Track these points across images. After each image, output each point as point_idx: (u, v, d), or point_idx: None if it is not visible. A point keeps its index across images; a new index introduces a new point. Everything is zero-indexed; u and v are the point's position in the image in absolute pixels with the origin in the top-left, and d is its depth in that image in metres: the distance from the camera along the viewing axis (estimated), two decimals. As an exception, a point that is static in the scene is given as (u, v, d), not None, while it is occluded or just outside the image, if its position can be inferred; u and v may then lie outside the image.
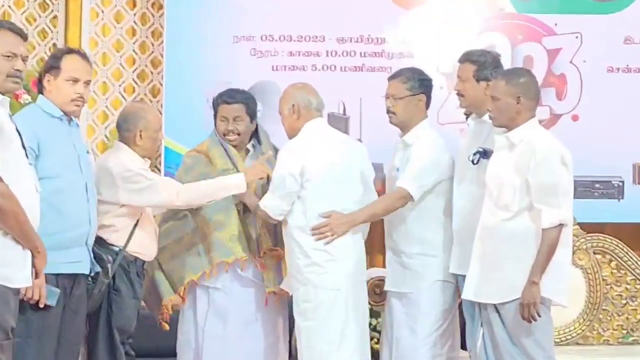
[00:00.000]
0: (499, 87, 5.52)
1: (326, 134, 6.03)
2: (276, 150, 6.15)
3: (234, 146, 6.16)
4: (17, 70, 4.68)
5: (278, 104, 6.03)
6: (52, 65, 5.40)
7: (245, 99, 6.22)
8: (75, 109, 5.45)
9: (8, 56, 4.66)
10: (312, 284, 5.76)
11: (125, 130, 5.88)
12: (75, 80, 5.35)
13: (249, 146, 6.27)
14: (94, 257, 5.44)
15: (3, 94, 4.67)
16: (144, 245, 5.84)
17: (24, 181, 4.65)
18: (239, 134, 6.15)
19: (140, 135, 5.83)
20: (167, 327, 6.18)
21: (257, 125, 6.30)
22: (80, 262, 5.33)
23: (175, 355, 6.29)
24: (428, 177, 5.91)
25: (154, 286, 6.13)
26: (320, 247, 5.78)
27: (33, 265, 4.67)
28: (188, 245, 6.09)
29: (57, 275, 5.19)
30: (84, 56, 5.54)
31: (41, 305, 5.02)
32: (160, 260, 6.10)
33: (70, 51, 5.58)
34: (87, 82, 5.48)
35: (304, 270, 5.78)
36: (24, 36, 4.79)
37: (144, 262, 5.89)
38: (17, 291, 4.61)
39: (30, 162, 4.93)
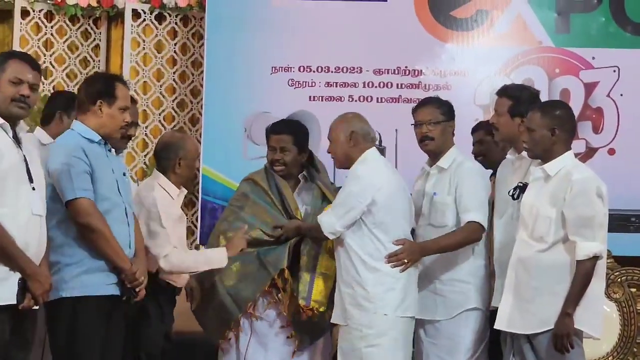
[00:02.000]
0: (535, 118, 5.48)
1: (385, 164, 6.04)
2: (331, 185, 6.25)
3: (282, 176, 6.14)
4: (22, 95, 4.77)
5: (330, 130, 5.95)
6: (104, 93, 5.32)
7: (293, 130, 6.20)
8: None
9: (14, 82, 4.78)
10: (375, 311, 5.70)
11: (164, 158, 5.88)
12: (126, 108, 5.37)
13: (300, 177, 6.23)
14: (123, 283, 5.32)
15: (9, 118, 4.79)
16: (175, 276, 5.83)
17: (15, 203, 4.71)
18: (285, 165, 6.12)
19: (179, 164, 5.84)
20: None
21: (313, 157, 6.27)
22: (117, 284, 5.24)
23: None
24: (483, 200, 5.91)
25: (219, 310, 6.07)
26: (384, 275, 5.75)
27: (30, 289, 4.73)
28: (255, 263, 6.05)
29: (97, 297, 5.15)
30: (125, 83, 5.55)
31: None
32: (225, 284, 6.06)
33: (118, 78, 5.56)
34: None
35: (370, 296, 5.72)
36: (33, 65, 4.88)
37: (175, 288, 5.88)
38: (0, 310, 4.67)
39: (86, 185, 5.07)
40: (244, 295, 6.01)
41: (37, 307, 4.93)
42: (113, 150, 5.45)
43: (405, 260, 5.73)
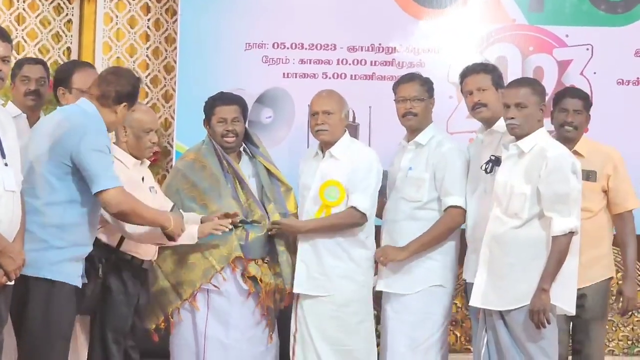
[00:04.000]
0: (526, 94, 5.45)
1: None
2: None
3: (229, 148, 6.08)
4: None
5: (319, 101, 6.03)
6: (132, 95, 5.36)
7: (240, 101, 6.20)
8: None
9: None
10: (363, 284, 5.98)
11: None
12: None
13: (241, 150, 6.20)
14: (87, 259, 5.36)
15: None
16: (138, 245, 5.72)
17: None
18: (237, 135, 6.08)
19: (125, 132, 5.75)
20: (157, 338, 6.12)
21: (249, 132, 6.26)
22: (77, 277, 5.27)
23: (166, 356, 6.20)
24: (464, 183, 5.93)
25: (156, 296, 6.03)
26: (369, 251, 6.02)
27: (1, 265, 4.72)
28: (191, 250, 5.93)
29: (71, 285, 5.19)
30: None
31: None
32: (163, 270, 6.03)
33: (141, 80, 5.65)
34: None
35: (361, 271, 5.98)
36: (3, 37, 4.83)
37: (142, 261, 5.78)
38: None
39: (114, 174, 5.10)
40: (184, 283, 5.99)
41: (10, 283, 4.88)
42: None
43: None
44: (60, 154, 5.05)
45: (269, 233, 5.88)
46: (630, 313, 5.95)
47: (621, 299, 5.79)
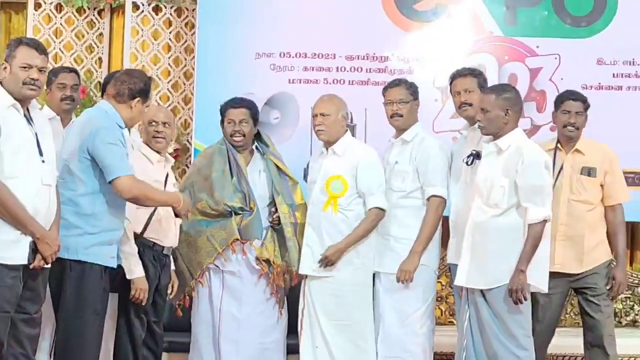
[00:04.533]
0: (490, 100, 5.49)
1: None
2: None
3: (239, 146, 6.10)
4: (32, 79, 4.77)
5: (319, 105, 6.05)
6: (144, 92, 5.39)
7: (249, 104, 6.21)
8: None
9: (24, 67, 4.78)
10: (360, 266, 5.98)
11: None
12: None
13: (254, 147, 6.23)
14: None
15: (22, 99, 4.79)
16: (160, 232, 5.75)
17: (26, 174, 4.73)
18: (243, 135, 6.10)
19: (139, 126, 5.85)
20: (180, 313, 6.17)
21: (260, 133, 6.27)
22: (114, 258, 5.32)
23: (187, 329, 6.21)
24: (446, 175, 5.94)
25: (178, 277, 6.06)
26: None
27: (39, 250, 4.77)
28: (198, 235, 6.03)
29: (103, 266, 5.21)
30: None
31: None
32: (181, 253, 6.05)
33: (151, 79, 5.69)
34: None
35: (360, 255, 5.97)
36: (40, 50, 4.88)
37: (163, 247, 5.79)
38: (13, 269, 4.70)
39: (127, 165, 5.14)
40: (193, 263, 6.04)
41: (47, 266, 4.93)
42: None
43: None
44: (82, 150, 5.12)
45: (325, 263, 5.89)
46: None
47: (613, 283, 5.80)
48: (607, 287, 5.74)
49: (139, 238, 5.61)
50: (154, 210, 5.65)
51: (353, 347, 5.93)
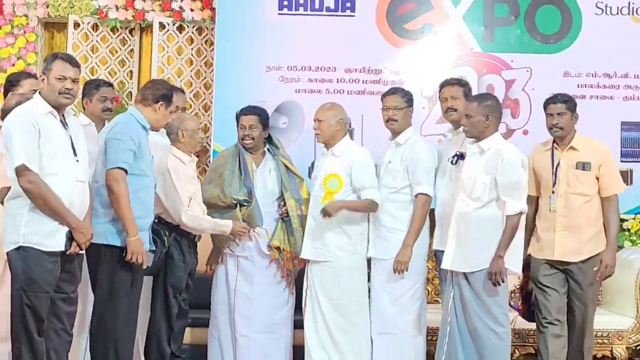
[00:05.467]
0: (473, 107, 5.48)
1: None
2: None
3: (250, 148, 6.10)
4: (67, 88, 4.78)
5: (317, 112, 6.02)
6: (166, 96, 5.36)
7: (258, 112, 6.17)
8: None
9: (59, 78, 4.78)
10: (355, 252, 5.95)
11: (171, 134, 5.82)
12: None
13: (265, 149, 6.18)
14: (155, 232, 5.39)
15: (58, 107, 4.80)
16: None
17: (63, 173, 4.74)
18: (253, 139, 6.08)
19: (183, 135, 5.77)
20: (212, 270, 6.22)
21: (271, 137, 6.24)
22: (145, 242, 5.23)
23: (207, 307, 6.19)
24: (432, 175, 5.87)
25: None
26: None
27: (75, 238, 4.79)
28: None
29: None
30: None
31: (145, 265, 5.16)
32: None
33: (176, 88, 5.83)
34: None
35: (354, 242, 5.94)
36: (73, 63, 4.88)
37: (195, 235, 5.83)
38: (52, 254, 4.72)
39: (128, 160, 5.05)
40: (214, 250, 6.16)
41: (82, 252, 4.94)
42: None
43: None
44: (104, 147, 5.15)
45: (323, 214, 5.79)
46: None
47: (600, 266, 5.60)
48: (595, 269, 5.56)
49: (176, 228, 5.67)
50: (189, 203, 5.70)
51: (347, 322, 5.88)
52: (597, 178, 5.64)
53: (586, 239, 5.58)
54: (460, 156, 5.67)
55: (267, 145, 6.17)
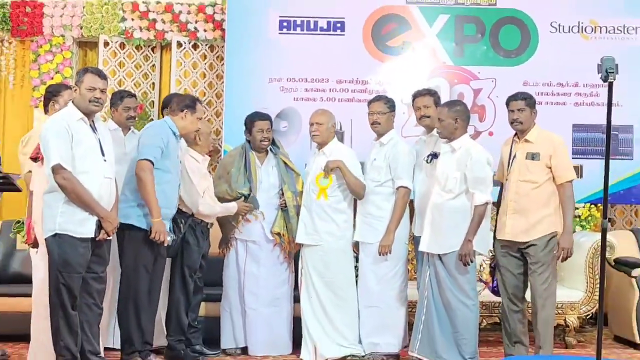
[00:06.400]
0: (443, 112, 5.47)
1: None
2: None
3: (263, 149, 6.11)
4: (96, 98, 4.81)
5: (315, 116, 6.01)
6: (190, 106, 5.46)
7: (269, 117, 6.21)
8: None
9: (89, 89, 4.80)
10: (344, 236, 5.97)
11: (188, 137, 5.77)
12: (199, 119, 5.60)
13: (268, 149, 6.17)
14: (172, 221, 5.46)
15: (88, 114, 4.83)
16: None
17: (92, 171, 4.75)
18: (269, 140, 6.11)
19: (198, 138, 5.78)
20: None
21: (273, 138, 6.26)
22: (170, 232, 5.36)
23: (221, 284, 6.19)
24: (412, 170, 5.85)
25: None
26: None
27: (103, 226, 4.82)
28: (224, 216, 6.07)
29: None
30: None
31: (166, 243, 5.23)
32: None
33: (199, 100, 5.75)
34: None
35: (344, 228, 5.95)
36: (102, 76, 4.90)
37: (207, 223, 5.84)
38: (84, 240, 4.73)
39: (156, 155, 5.16)
40: (224, 236, 6.13)
41: (110, 238, 4.96)
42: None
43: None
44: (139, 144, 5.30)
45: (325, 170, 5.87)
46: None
47: (559, 249, 5.40)
48: (555, 252, 5.39)
49: (190, 217, 5.66)
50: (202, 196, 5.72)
51: (337, 297, 5.88)
52: (549, 167, 5.42)
53: (534, 221, 5.39)
54: (434, 155, 5.67)
55: (270, 146, 6.16)
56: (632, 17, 7.30)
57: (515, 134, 5.59)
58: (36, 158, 4.98)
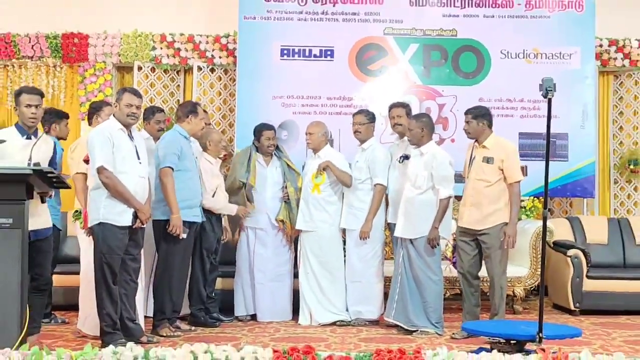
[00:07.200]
0: (412, 123, 5.48)
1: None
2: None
3: (269, 153, 6.09)
4: (133, 113, 4.80)
5: (308, 127, 6.03)
6: (192, 111, 5.44)
7: (274, 127, 6.21)
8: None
9: (128, 105, 4.79)
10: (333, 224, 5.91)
11: (202, 144, 5.80)
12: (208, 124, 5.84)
13: (273, 153, 6.15)
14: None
15: (126, 125, 4.81)
16: (218, 205, 5.80)
17: (130, 171, 4.75)
18: (274, 146, 6.11)
19: (210, 144, 5.79)
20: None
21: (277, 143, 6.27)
22: (198, 216, 5.40)
23: (234, 263, 6.16)
24: (387, 170, 5.83)
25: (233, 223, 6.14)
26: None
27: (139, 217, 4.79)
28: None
29: (190, 222, 5.31)
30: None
31: (182, 236, 5.20)
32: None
33: (198, 104, 5.75)
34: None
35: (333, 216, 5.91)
36: (137, 94, 4.87)
37: (220, 213, 5.83)
38: (122, 228, 4.71)
39: (174, 161, 5.19)
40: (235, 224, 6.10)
41: (144, 227, 4.94)
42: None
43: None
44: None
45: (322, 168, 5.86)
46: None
47: (505, 237, 5.34)
48: (501, 240, 5.31)
49: (206, 209, 5.63)
50: (215, 192, 5.70)
51: (329, 274, 5.87)
52: (501, 169, 5.35)
53: (486, 213, 5.31)
54: (405, 157, 5.66)
55: (274, 150, 6.15)
56: (567, 46, 7.31)
57: (476, 140, 5.52)
58: (87, 160, 4.98)
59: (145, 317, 5.48)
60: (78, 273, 5.27)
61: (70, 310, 5.94)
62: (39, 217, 4.48)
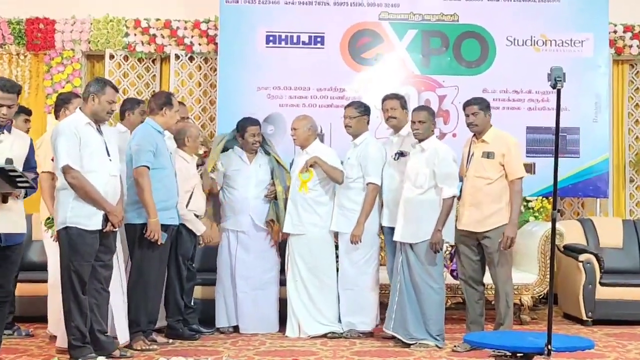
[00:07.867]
0: (425, 115, 5.38)
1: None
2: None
3: (254, 150, 6.05)
4: (112, 109, 4.83)
5: (293, 122, 5.98)
6: (166, 102, 5.34)
7: (259, 122, 6.16)
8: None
9: (109, 102, 4.76)
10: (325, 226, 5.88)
11: (178, 140, 5.74)
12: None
13: (259, 149, 6.12)
14: None
15: (102, 121, 4.79)
16: (197, 207, 5.73)
17: (99, 169, 4.68)
18: (259, 143, 6.06)
19: (188, 140, 5.74)
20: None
21: (263, 137, 6.18)
22: (174, 218, 5.34)
23: (215, 270, 6.12)
24: (380, 168, 5.77)
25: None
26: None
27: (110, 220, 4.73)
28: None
29: (166, 225, 5.21)
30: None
31: (160, 242, 5.13)
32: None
33: (172, 94, 5.67)
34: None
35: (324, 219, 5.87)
36: (116, 90, 4.88)
37: (199, 215, 5.77)
38: (92, 232, 4.65)
39: (149, 159, 5.09)
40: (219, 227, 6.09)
41: (116, 230, 4.88)
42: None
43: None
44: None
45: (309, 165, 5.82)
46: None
47: (503, 238, 5.27)
48: (499, 241, 5.27)
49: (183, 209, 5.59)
50: (192, 193, 5.64)
51: (320, 281, 5.83)
52: (502, 165, 5.29)
53: (488, 214, 5.26)
54: (401, 154, 5.61)
55: (261, 146, 6.11)
56: (578, 32, 7.31)
57: (474, 134, 5.49)
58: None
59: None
60: (45, 281, 5.22)
61: (36, 321, 5.86)
62: (10, 219, 4.38)
